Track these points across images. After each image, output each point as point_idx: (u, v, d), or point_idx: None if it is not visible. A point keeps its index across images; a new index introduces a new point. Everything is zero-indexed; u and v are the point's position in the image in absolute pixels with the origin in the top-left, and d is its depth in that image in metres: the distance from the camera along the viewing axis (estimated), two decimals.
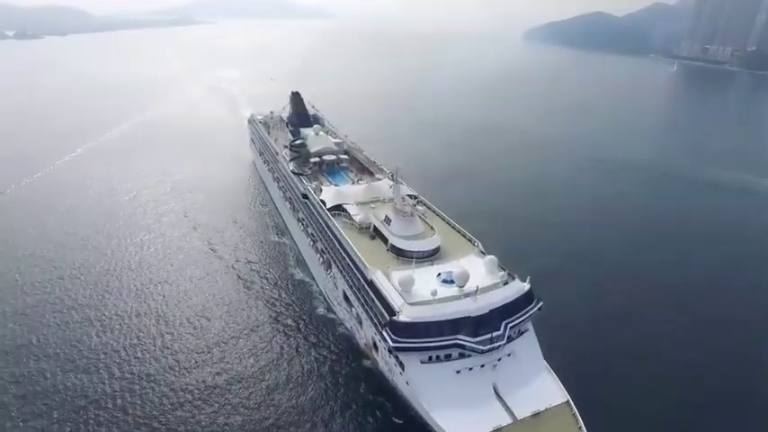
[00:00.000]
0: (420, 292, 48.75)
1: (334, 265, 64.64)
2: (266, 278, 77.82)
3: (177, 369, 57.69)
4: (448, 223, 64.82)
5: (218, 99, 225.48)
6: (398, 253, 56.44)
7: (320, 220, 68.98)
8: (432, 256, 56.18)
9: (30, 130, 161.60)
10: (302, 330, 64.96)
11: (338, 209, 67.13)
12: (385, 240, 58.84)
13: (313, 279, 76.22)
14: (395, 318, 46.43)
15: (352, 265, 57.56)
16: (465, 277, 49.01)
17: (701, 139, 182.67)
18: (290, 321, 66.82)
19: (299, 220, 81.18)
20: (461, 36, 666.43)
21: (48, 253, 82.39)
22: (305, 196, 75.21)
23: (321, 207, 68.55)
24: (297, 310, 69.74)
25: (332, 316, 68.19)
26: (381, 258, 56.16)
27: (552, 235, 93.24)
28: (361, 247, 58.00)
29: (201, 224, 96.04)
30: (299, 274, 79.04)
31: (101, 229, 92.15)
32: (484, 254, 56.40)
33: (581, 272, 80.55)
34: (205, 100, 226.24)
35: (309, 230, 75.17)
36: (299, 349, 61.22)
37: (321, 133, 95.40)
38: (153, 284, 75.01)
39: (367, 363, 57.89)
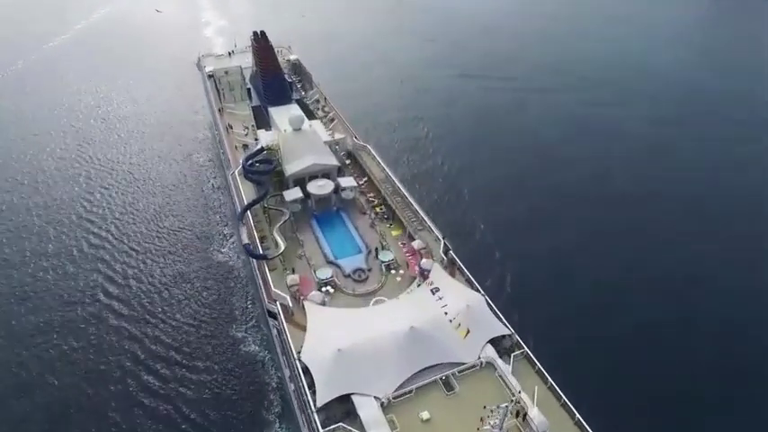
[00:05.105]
0: None
1: None
2: (194, 359, 45.42)
3: None
4: None
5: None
6: None
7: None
8: None
9: None
10: None
11: (344, 406, 29.39)
12: None
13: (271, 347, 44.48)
14: None
15: None
16: None
17: None
18: None
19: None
20: None
21: None
22: (272, 315, 36.73)
23: (303, 384, 30.58)
24: None
25: None
26: None
27: None
28: None
29: (109, 220, 63.48)
30: (248, 345, 47.05)
31: None
32: None
33: None
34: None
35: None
36: None
37: (306, 126, 52.49)
38: None
39: None
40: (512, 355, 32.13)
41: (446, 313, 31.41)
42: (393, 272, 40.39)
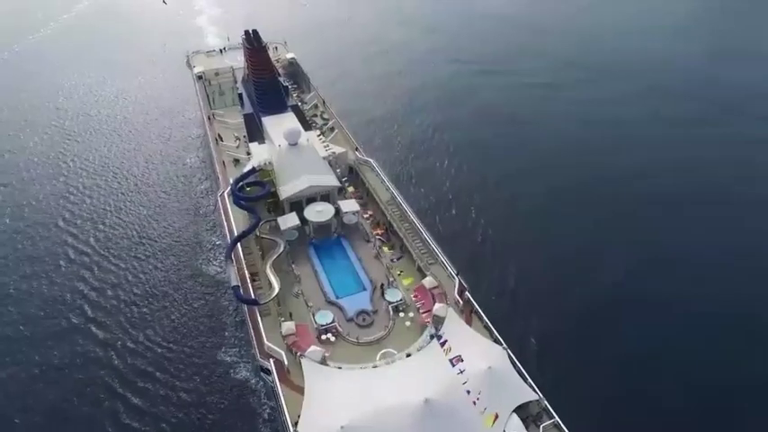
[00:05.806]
0: None
1: None
2: (178, 391, 40.82)
3: None
4: None
5: None
6: None
7: None
8: None
9: None
10: None
11: None
12: None
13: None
14: None
15: None
16: None
17: None
18: None
19: None
20: None
21: None
22: (265, 371, 32.54)
23: None
24: None
25: None
26: None
27: None
28: None
29: (91, 227, 58.55)
30: (238, 371, 42.39)
31: None
32: None
33: None
34: None
35: None
36: None
37: (303, 140, 47.44)
38: None
39: None
40: (540, 426, 28.02)
41: (468, 392, 26.96)
42: (402, 314, 36.10)
